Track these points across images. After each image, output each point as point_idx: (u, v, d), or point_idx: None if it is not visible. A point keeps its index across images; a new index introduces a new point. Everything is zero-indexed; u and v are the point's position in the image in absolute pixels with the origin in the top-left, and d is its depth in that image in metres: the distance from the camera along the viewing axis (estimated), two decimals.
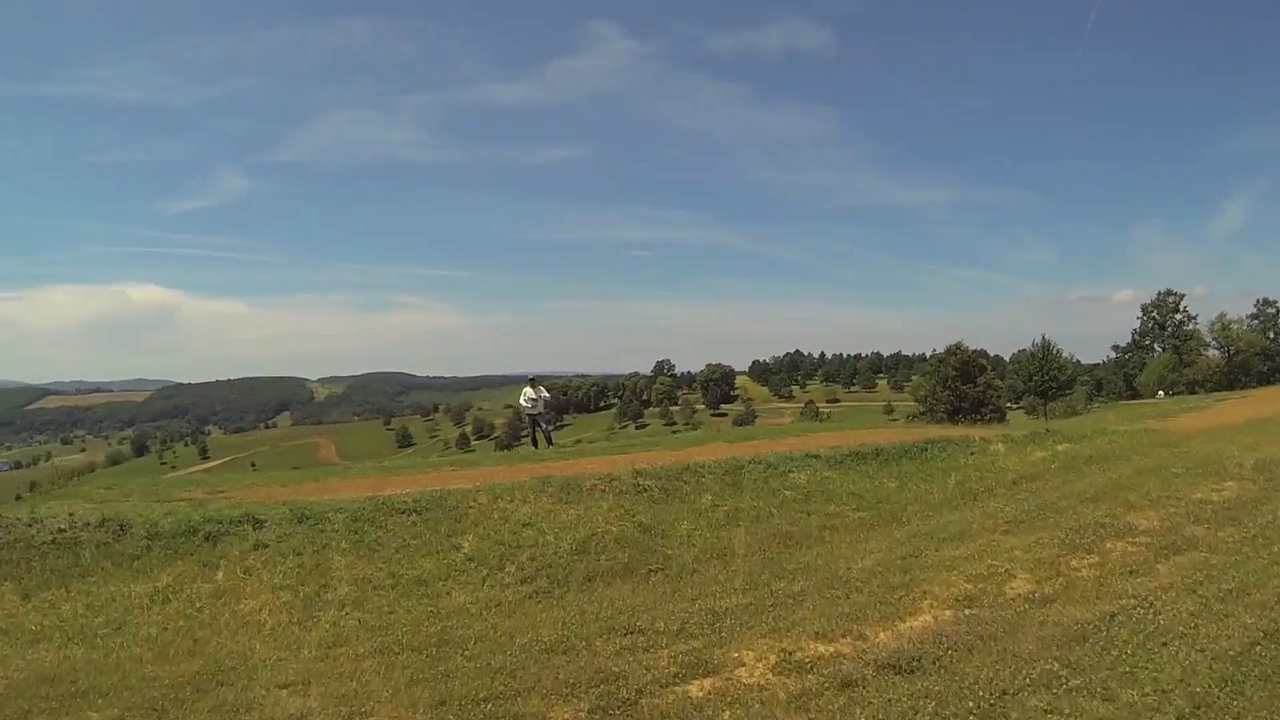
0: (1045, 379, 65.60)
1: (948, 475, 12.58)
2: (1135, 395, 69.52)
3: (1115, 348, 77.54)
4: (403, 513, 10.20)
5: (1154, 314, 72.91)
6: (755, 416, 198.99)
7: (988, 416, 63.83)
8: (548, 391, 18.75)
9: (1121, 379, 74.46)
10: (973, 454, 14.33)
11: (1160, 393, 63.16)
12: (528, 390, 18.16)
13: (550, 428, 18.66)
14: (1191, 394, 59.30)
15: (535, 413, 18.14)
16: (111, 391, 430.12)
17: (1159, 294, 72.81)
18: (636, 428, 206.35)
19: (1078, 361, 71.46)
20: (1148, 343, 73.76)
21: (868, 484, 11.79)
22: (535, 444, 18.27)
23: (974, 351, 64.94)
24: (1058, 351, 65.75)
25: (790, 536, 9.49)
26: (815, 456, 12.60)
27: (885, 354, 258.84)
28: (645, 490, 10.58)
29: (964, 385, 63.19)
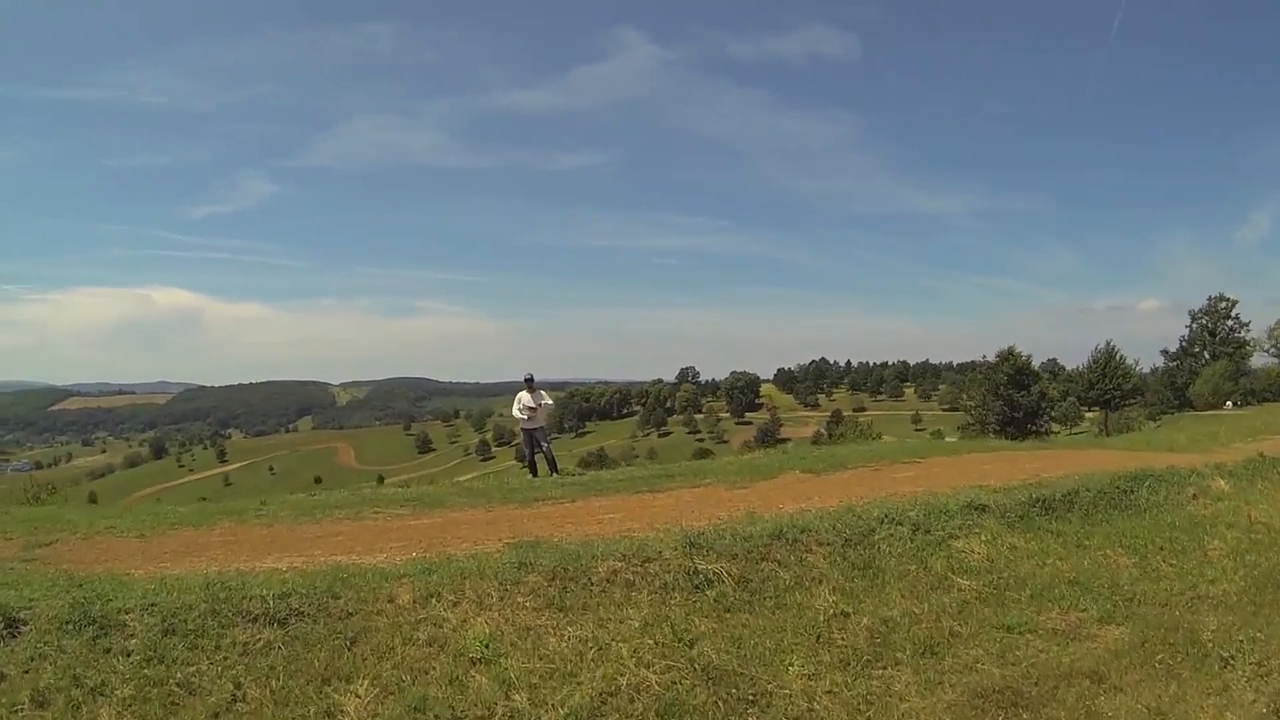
0: (1109, 387, 59.95)
1: (1198, 538, 7.55)
2: (1187, 406, 64.31)
3: (1164, 353, 72.14)
4: (255, 620, 5.42)
5: (1204, 320, 68.05)
6: (780, 425, 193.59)
7: (1042, 428, 58.70)
8: (549, 397, 14.06)
9: (1169, 388, 68.62)
10: (1195, 496, 9.30)
11: (1228, 403, 57.78)
12: (523, 396, 13.41)
13: (550, 443, 13.84)
14: (1248, 405, 53.97)
15: (533, 427, 13.36)
16: (134, 394, 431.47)
17: (1209, 299, 68.88)
18: (659, 435, 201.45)
19: (1142, 370, 65.71)
20: (1196, 350, 68.84)
21: (1086, 561, 6.79)
22: (533, 470, 13.58)
23: (1026, 357, 59.73)
24: (1121, 358, 60.22)
25: (1021, 699, 4.55)
26: (979, 507, 7.60)
27: (910, 362, 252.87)
28: (709, 582, 5.65)
29: (1017, 394, 58.10)
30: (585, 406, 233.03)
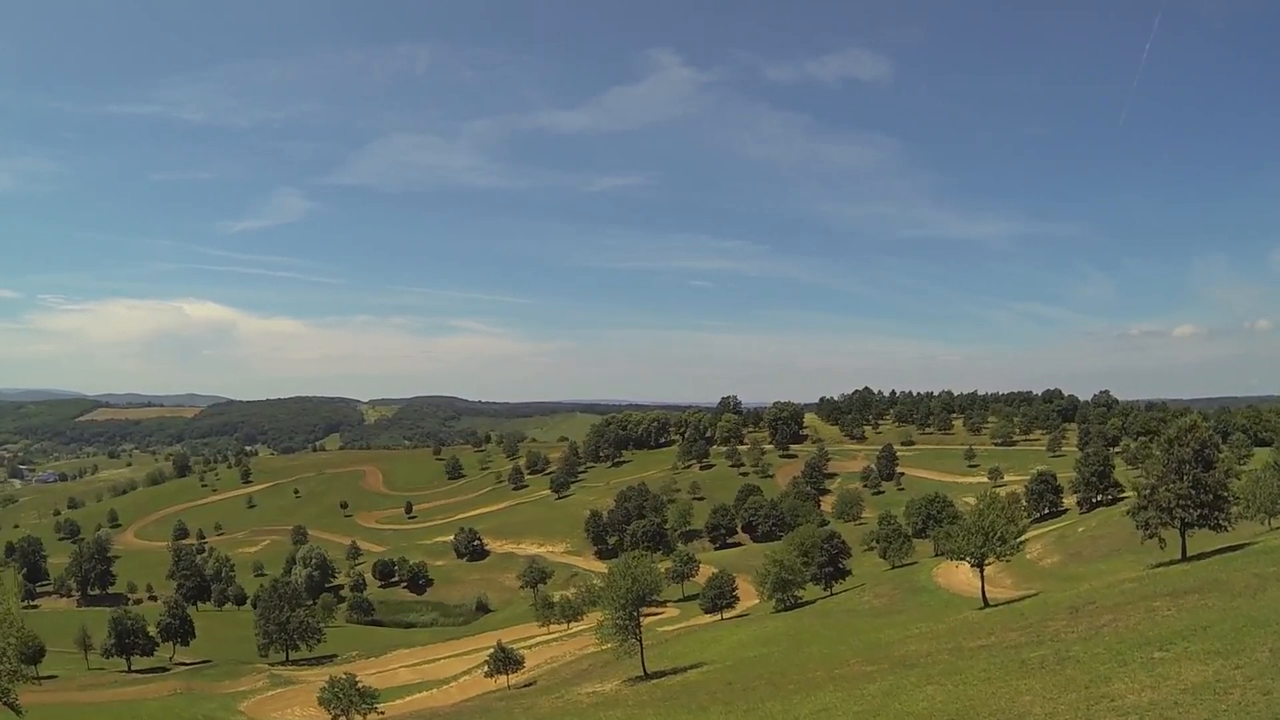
0: None
1: None
2: None
3: None
4: None
5: None
6: (827, 459, 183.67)
7: (1225, 513, 49.42)
8: None
9: None
10: None
11: None
12: None
13: None
14: None
15: None
16: (163, 406, 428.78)
17: None
18: (701, 468, 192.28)
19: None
20: None
21: None
22: None
23: (1208, 427, 50.30)
24: None
25: None
26: None
27: (955, 391, 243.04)
28: None
29: (1203, 473, 49.07)
30: (622, 435, 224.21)
